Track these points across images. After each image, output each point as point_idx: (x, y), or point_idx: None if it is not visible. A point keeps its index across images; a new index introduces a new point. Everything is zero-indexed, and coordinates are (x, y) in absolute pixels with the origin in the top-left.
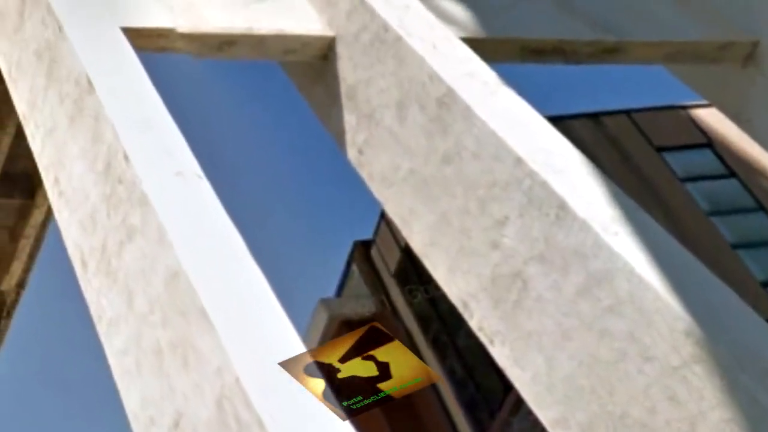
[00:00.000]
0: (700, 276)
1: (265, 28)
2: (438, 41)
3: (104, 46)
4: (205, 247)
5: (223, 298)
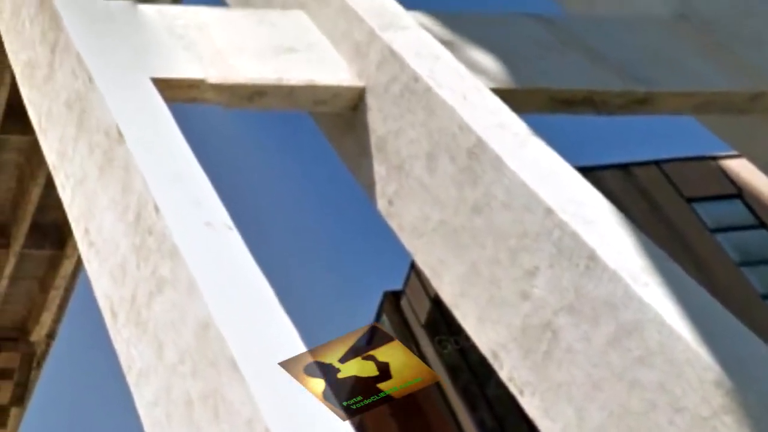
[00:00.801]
0: (729, 326)
1: (295, 79)
2: (468, 92)
3: (134, 97)
4: (235, 298)
5: (254, 348)
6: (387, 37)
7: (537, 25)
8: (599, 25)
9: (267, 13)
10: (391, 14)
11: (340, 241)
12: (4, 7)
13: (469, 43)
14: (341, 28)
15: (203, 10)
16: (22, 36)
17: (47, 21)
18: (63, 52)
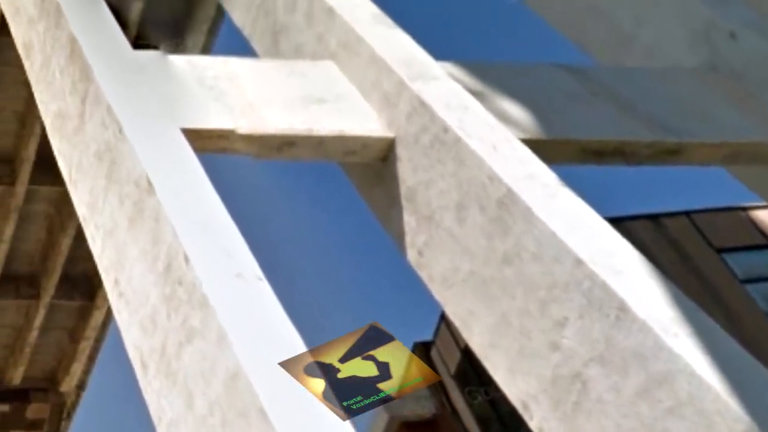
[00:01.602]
0: (760, 377)
1: (325, 129)
2: (498, 142)
3: (164, 148)
4: (265, 349)
5: (284, 399)
6: (417, 87)
7: (567, 75)
8: (629, 75)
9: (297, 63)
10: (420, 64)
11: (370, 292)
12: (34, 58)
13: (499, 93)
14: (371, 79)
15: (233, 60)
16: (52, 87)
17: (77, 72)
18: (93, 103)
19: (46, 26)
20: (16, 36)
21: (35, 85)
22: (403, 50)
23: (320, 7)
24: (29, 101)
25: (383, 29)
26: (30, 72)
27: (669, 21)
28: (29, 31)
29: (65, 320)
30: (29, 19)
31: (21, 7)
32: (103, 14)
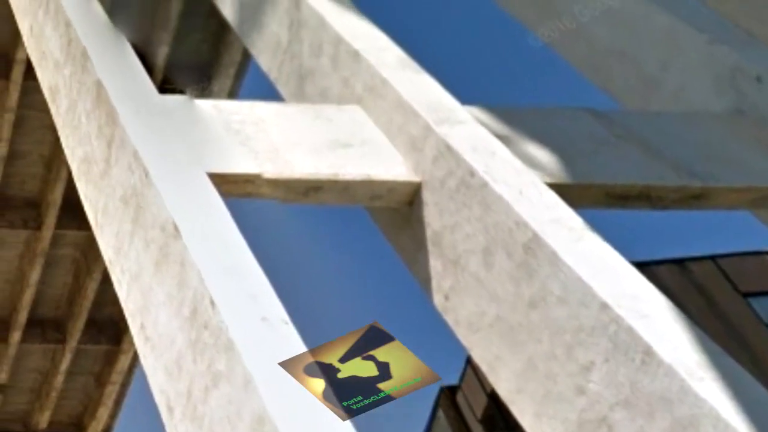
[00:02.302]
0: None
1: (351, 174)
2: (524, 187)
3: (190, 192)
4: (291, 393)
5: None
6: (443, 131)
7: (593, 119)
8: (655, 119)
9: (323, 108)
10: (446, 109)
11: (396, 336)
12: (60, 102)
13: (525, 137)
14: (397, 123)
15: (259, 105)
16: (78, 131)
17: (103, 116)
18: (119, 148)
19: (72, 70)
20: (43, 80)
21: (61, 129)
22: (430, 94)
23: (346, 51)
24: (55, 145)
25: (409, 73)
26: (56, 116)
27: (695, 65)
28: (55, 76)
29: (91, 364)
30: (55, 64)
31: (47, 52)
32: (129, 58)
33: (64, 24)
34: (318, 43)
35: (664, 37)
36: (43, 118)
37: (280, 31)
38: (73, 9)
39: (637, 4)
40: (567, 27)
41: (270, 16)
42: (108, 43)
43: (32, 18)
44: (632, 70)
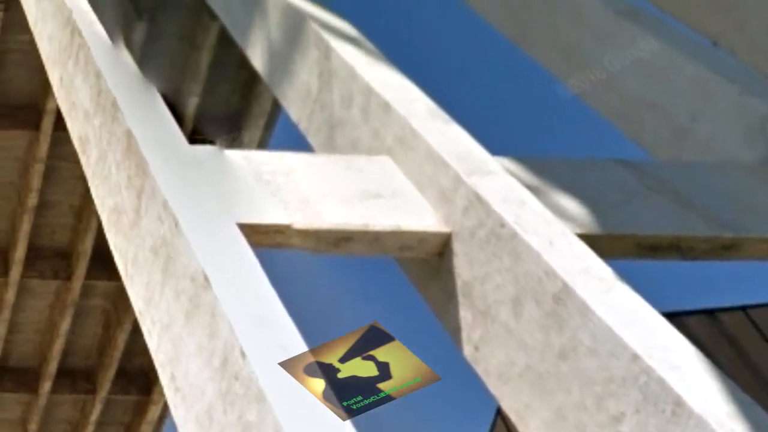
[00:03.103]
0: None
1: (381, 225)
2: (554, 237)
3: (220, 242)
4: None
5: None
6: (473, 182)
7: (623, 170)
8: (685, 170)
9: (353, 158)
10: (477, 159)
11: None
12: (90, 152)
13: (555, 188)
14: (427, 174)
15: (289, 155)
16: (108, 182)
17: (133, 167)
18: (149, 198)
19: (102, 121)
20: (72, 130)
21: (91, 179)
22: (460, 145)
23: (376, 102)
24: (85, 196)
25: (439, 124)
26: (86, 167)
27: (725, 115)
28: (85, 126)
29: (121, 415)
30: (85, 114)
31: (77, 102)
32: (159, 109)
33: (94, 75)
34: (348, 93)
35: (695, 87)
36: (73, 169)
37: (310, 81)
38: (103, 60)
39: (668, 55)
40: (597, 77)
41: (300, 66)
42: (138, 94)
43: (62, 69)
44: (663, 120)
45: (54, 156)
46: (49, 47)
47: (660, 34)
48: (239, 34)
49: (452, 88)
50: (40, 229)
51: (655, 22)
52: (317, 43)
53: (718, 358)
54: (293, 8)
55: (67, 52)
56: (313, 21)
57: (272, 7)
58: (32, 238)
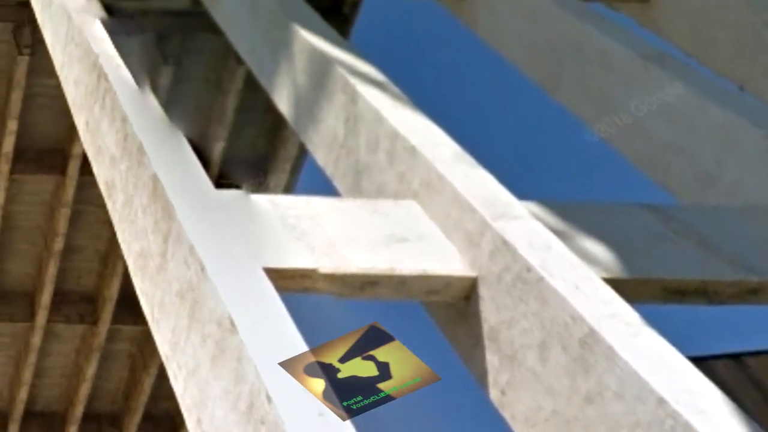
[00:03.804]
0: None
1: (408, 269)
2: (580, 282)
3: (246, 287)
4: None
5: None
6: (499, 226)
7: (649, 214)
8: (711, 214)
9: (379, 202)
10: (503, 204)
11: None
12: (116, 197)
13: (581, 232)
14: (453, 218)
15: (316, 200)
16: (134, 226)
17: (160, 211)
18: (175, 242)
19: (129, 165)
20: (99, 175)
21: (117, 224)
22: (486, 189)
23: (403, 146)
24: (112, 240)
25: (466, 168)
26: (112, 211)
27: (751, 159)
28: (111, 171)
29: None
30: (111, 159)
31: (103, 147)
32: (185, 153)
33: (121, 119)
34: (374, 137)
35: (721, 131)
36: (99, 213)
37: (337, 125)
38: (130, 104)
39: (694, 100)
40: (623, 122)
41: (326, 110)
42: (164, 138)
43: (88, 113)
44: (689, 164)
45: (80, 200)
46: (76, 92)
47: (686, 78)
48: (265, 79)
49: (478, 133)
50: (66, 274)
51: (682, 67)
52: (343, 88)
53: (744, 402)
54: (319, 53)
55: (93, 96)
56: (339, 65)
57: (298, 51)
58: (58, 283)
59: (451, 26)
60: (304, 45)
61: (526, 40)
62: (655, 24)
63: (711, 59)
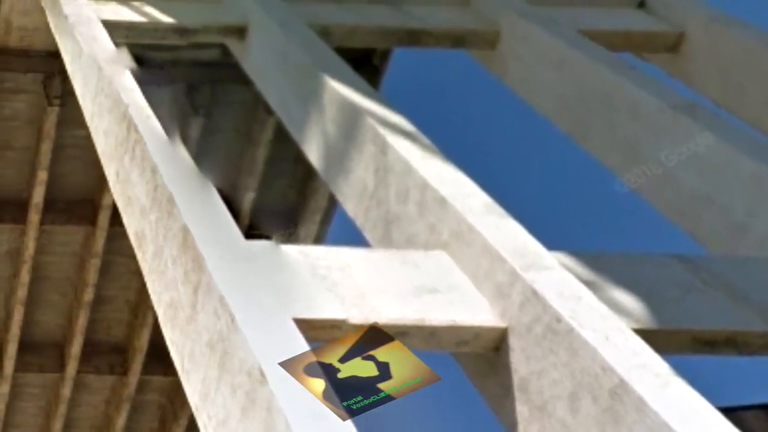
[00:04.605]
0: None
1: (438, 320)
2: (611, 332)
3: (276, 338)
4: None
5: None
6: (529, 277)
7: (679, 265)
8: (741, 265)
9: (409, 253)
10: (533, 254)
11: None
12: (146, 247)
13: (611, 282)
14: (483, 268)
15: (346, 250)
16: (164, 277)
17: (190, 262)
18: (205, 293)
19: (158, 216)
20: (129, 226)
21: (147, 274)
22: (516, 240)
23: (433, 197)
24: (141, 291)
25: (495, 219)
26: (142, 262)
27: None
28: (141, 221)
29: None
30: (141, 209)
31: (133, 197)
32: (215, 204)
33: (150, 170)
34: (404, 188)
35: (752, 182)
36: (128, 264)
37: (366, 176)
38: (159, 155)
39: (724, 150)
40: (653, 172)
41: (356, 161)
42: (194, 189)
43: (118, 164)
44: (719, 215)
45: (110, 251)
46: (105, 142)
47: (716, 129)
48: (296, 129)
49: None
50: (96, 324)
51: (712, 118)
52: (373, 139)
53: None
54: (349, 103)
55: (123, 147)
56: (369, 116)
57: (328, 102)
58: (88, 334)
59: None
60: (334, 96)
61: (556, 91)
62: (684, 74)
63: (741, 109)
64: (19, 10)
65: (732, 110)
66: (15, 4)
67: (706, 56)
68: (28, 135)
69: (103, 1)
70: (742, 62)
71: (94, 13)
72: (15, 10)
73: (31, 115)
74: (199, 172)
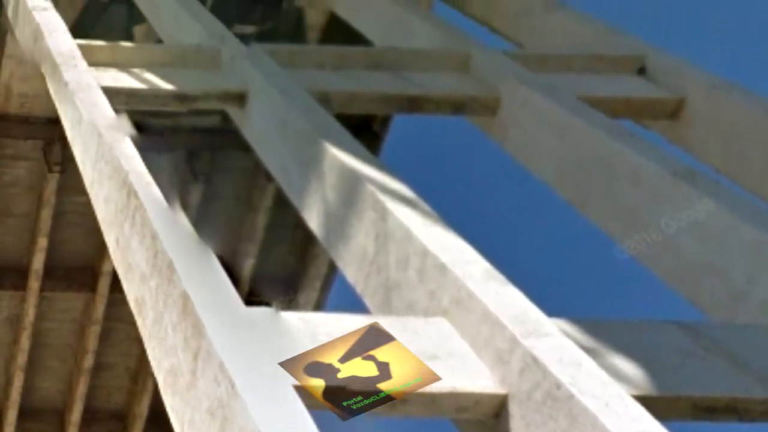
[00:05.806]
0: None
1: (438, 386)
2: (611, 399)
3: (277, 404)
4: None
5: None
6: (529, 344)
7: (679, 331)
8: (741, 332)
9: (409, 320)
10: (533, 321)
11: None
12: (146, 314)
13: (611, 349)
14: (483, 335)
15: (346, 317)
16: (164, 343)
17: (190, 328)
18: (205, 360)
19: (158, 282)
20: (129, 292)
21: (147, 341)
22: (516, 307)
23: (433, 264)
24: (141, 357)
25: (496, 285)
26: (142, 328)
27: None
28: (141, 288)
29: None
30: (141, 276)
31: (133, 264)
32: (215, 270)
33: (150, 236)
34: (404, 255)
35: (752, 249)
36: (128, 330)
37: (367, 243)
38: (160, 221)
39: (724, 217)
40: (653, 239)
41: (356, 228)
42: (194, 256)
43: (118, 230)
44: (719, 282)
45: (110, 317)
46: (105, 209)
47: (717, 195)
48: (295, 196)
49: (508, 250)
50: (95, 391)
51: (712, 184)
52: (373, 205)
53: None
54: (349, 170)
55: (123, 213)
56: (369, 183)
57: (328, 168)
58: (88, 400)
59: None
60: (334, 162)
61: (556, 157)
62: (684, 141)
63: (742, 176)
64: (19, 76)
65: (733, 177)
66: (15, 70)
67: (706, 123)
68: (29, 201)
69: (103, 68)
70: (744, 129)
71: (95, 80)
72: (15, 77)
73: (31, 181)
74: (199, 238)
